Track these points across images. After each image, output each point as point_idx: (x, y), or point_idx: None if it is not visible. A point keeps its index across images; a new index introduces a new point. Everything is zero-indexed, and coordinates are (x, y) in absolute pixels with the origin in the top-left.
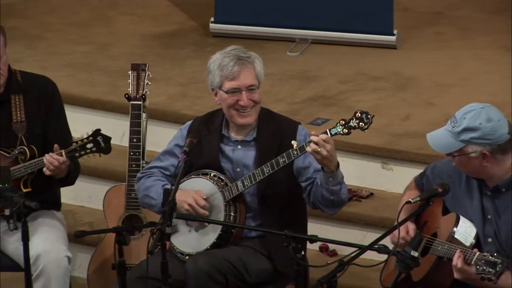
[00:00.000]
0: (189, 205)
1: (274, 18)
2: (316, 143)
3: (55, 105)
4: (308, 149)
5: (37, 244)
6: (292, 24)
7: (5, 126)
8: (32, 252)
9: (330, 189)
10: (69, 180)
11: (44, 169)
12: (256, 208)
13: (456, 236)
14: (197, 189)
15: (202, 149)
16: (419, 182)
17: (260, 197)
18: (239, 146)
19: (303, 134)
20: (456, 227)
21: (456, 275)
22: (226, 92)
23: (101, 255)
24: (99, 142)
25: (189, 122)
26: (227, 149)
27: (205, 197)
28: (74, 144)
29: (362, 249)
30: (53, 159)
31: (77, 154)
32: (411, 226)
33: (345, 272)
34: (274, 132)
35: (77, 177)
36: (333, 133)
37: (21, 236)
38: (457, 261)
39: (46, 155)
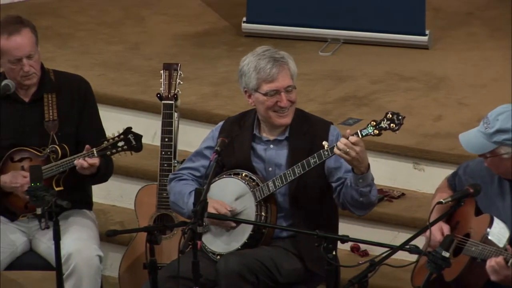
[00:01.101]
0: None
1: (306, 18)
2: (344, 145)
3: (88, 104)
4: (335, 150)
5: (68, 243)
6: (324, 24)
7: (37, 124)
8: (64, 251)
9: (360, 191)
10: (99, 177)
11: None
12: (287, 208)
13: (490, 237)
14: (225, 191)
15: (234, 148)
16: (451, 182)
17: (292, 197)
18: (271, 146)
19: (335, 134)
20: (490, 228)
21: (492, 277)
22: (265, 94)
23: (132, 255)
24: (130, 140)
25: (220, 123)
26: (259, 148)
27: (229, 209)
28: (106, 142)
29: (393, 249)
30: (83, 162)
31: (108, 153)
32: (445, 227)
33: (376, 272)
34: (306, 131)
35: (110, 175)
36: (364, 134)
37: (52, 235)
38: (495, 262)
39: (76, 160)
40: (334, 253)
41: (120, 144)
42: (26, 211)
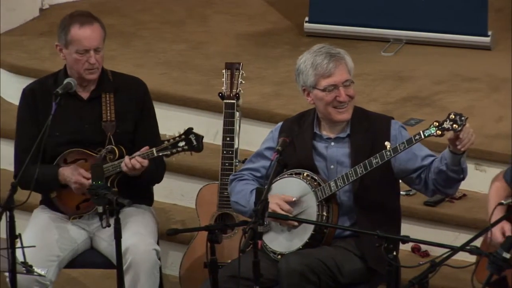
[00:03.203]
0: (272, 210)
1: (368, 18)
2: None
3: (146, 106)
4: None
5: (125, 238)
6: (386, 24)
7: (95, 122)
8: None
9: (462, 169)
10: (145, 179)
11: (122, 164)
12: (349, 208)
13: None
14: (287, 191)
15: (295, 148)
16: (507, 176)
17: (354, 197)
18: (333, 143)
19: (396, 128)
20: None
21: None
22: (323, 90)
23: (193, 253)
24: (191, 140)
25: (280, 123)
26: (320, 146)
27: (293, 199)
28: (166, 142)
29: (454, 250)
30: (136, 162)
31: (168, 152)
32: (507, 227)
33: (437, 273)
34: (367, 128)
35: (161, 177)
36: (426, 135)
37: (112, 233)
38: None
39: (126, 158)
40: (394, 253)
41: (181, 144)
42: (78, 212)
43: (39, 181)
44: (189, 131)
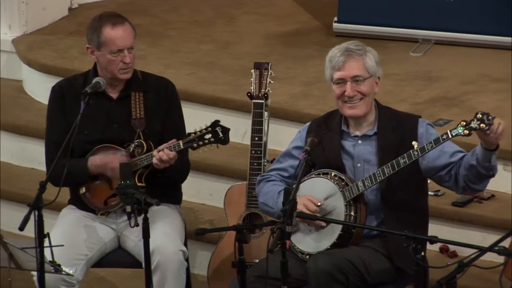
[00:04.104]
0: (300, 211)
1: (397, 18)
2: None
3: (173, 106)
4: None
5: (153, 238)
6: (415, 25)
7: (124, 121)
8: None
9: (492, 166)
10: (170, 174)
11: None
12: (377, 206)
13: None
14: (314, 191)
15: (323, 147)
16: None
17: (381, 196)
18: (360, 141)
19: (424, 126)
20: None
21: None
22: (334, 83)
23: (221, 253)
24: (218, 132)
25: (307, 124)
26: (348, 144)
27: (318, 204)
28: (193, 134)
29: (482, 250)
30: (163, 154)
31: (194, 145)
32: None
33: (465, 273)
34: (395, 126)
35: (186, 173)
36: (454, 134)
37: (140, 232)
38: None
39: (155, 151)
40: (422, 253)
41: (207, 136)
42: (105, 208)
43: (69, 173)
44: (215, 123)
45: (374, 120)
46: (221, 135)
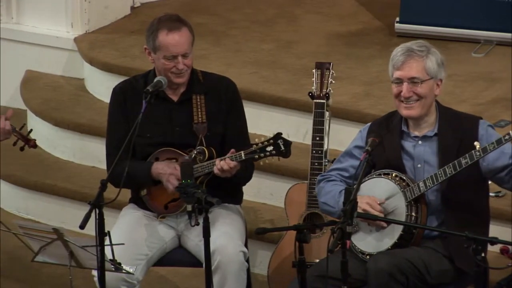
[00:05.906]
0: (364, 210)
1: (459, 19)
2: None
3: (236, 106)
4: None
5: (214, 238)
6: (477, 25)
7: (185, 125)
8: None
9: None
10: (234, 180)
11: (215, 168)
12: (437, 207)
13: None
14: (375, 191)
15: (384, 147)
16: None
17: (442, 196)
18: (420, 142)
19: (484, 127)
20: None
21: None
22: (392, 82)
23: (281, 253)
24: (279, 145)
25: (368, 124)
26: (408, 145)
27: (379, 203)
28: (254, 146)
29: None
30: (224, 164)
31: (256, 156)
32: None
33: None
34: (455, 127)
35: (247, 180)
36: None
37: (200, 231)
38: None
39: (217, 160)
40: (483, 254)
41: (269, 148)
42: (165, 212)
43: (131, 176)
44: (278, 136)
45: (434, 121)
46: (282, 148)
